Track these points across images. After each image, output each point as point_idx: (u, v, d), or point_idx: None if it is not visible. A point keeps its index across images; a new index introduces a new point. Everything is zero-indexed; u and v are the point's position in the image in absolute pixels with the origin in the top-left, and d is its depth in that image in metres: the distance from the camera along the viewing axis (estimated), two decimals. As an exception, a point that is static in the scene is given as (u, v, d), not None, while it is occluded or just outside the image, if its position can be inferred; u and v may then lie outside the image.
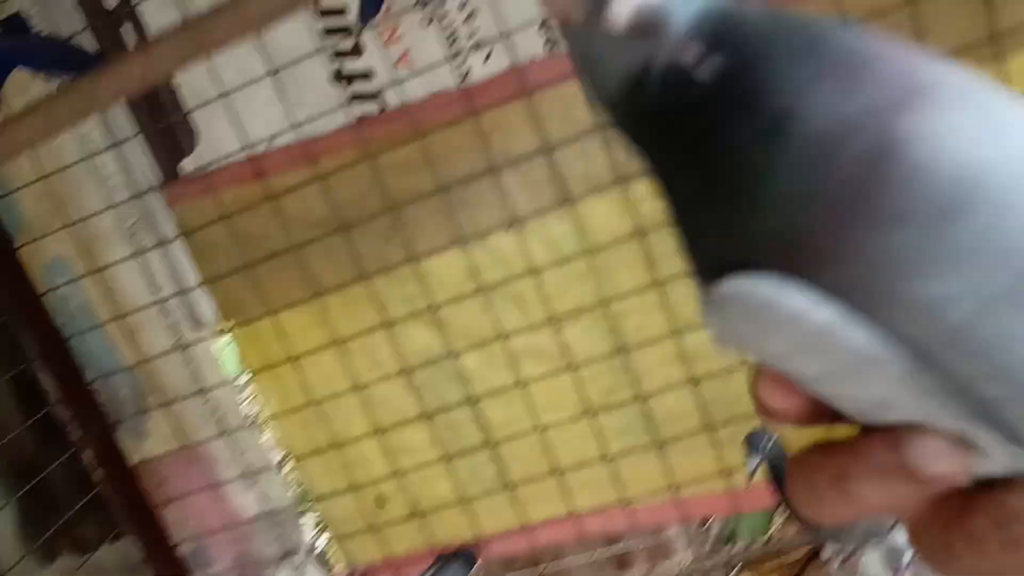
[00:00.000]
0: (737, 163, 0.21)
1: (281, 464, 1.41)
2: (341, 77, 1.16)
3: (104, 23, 1.17)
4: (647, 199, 1.13)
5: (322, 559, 1.45)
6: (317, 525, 1.44)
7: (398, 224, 1.20)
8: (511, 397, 1.26)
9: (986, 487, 0.21)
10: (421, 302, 1.23)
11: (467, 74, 1.13)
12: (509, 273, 1.20)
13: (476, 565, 1.32)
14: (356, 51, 1.14)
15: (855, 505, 0.21)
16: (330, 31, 1.14)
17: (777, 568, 1.38)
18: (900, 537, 1.09)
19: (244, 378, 1.36)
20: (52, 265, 1.31)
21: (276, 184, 1.21)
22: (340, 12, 1.13)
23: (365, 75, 1.16)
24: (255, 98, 1.18)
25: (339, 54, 1.15)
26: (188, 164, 1.24)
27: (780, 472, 1.03)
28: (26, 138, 0.72)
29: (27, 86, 1.17)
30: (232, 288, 1.28)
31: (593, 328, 1.21)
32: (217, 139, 1.21)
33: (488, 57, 1.12)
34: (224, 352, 1.36)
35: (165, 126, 1.21)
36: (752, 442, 1.04)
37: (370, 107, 1.17)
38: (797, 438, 1.03)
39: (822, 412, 0.23)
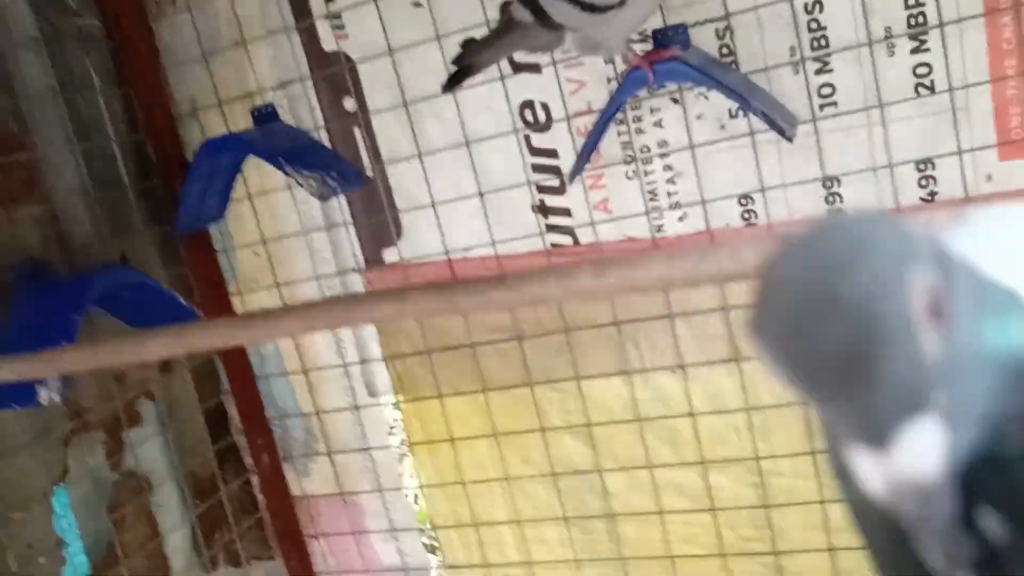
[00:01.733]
0: None
1: (423, 529, 1.63)
2: (542, 209, 1.33)
3: (341, 124, 1.40)
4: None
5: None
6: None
7: (570, 344, 1.37)
8: (649, 521, 1.41)
9: None
10: (579, 417, 1.40)
11: (661, 227, 1.28)
12: (668, 411, 1.34)
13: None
14: (560, 190, 1.31)
15: None
16: (538, 168, 1.31)
17: None
18: None
19: (404, 447, 1.58)
20: (258, 316, 1.57)
21: (465, 289, 1.40)
22: (551, 153, 1.30)
23: (564, 211, 1.32)
24: (459, 209, 1.37)
25: (543, 189, 1.32)
26: (390, 254, 1.45)
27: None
28: (278, 331, 0.93)
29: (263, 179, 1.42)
30: (409, 367, 1.49)
31: (741, 478, 1.33)
32: (420, 238, 1.42)
33: (683, 217, 1.26)
34: (391, 420, 1.58)
35: (376, 220, 1.43)
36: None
37: (564, 239, 1.34)
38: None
39: None
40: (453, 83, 1.16)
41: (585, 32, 1.07)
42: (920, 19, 1.06)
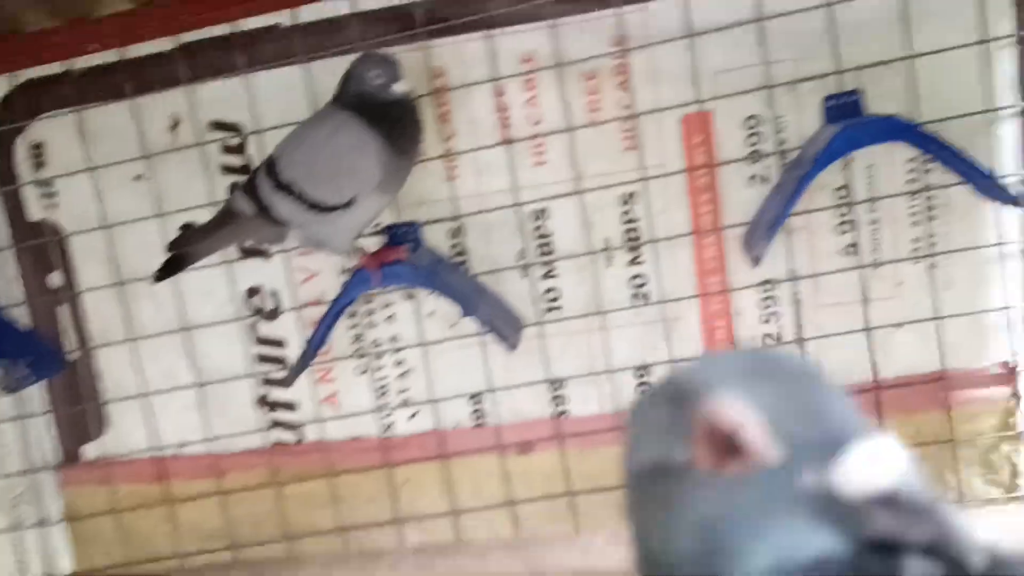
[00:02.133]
0: None
1: None
2: (265, 403, 1.25)
3: (44, 301, 1.26)
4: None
5: None
6: None
7: (292, 552, 1.25)
8: None
9: None
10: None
11: (390, 426, 1.23)
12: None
13: None
14: (286, 383, 1.23)
15: None
16: (264, 359, 1.24)
17: None
18: None
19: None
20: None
21: (176, 489, 1.26)
22: (278, 343, 1.23)
23: (289, 405, 1.25)
24: (174, 401, 1.25)
25: (268, 381, 1.24)
26: (91, 450, 1.29)
27: None
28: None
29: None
30: (103, 581, 1.30)
31: None
32: (127, 432, 1.27)
33: (414, 415, 1.22)
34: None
35: (78, 411, 1.27)
36: None
37: (288, 436, 1.25)
38: None
39: None
40: (166, 272, 1.07)
41: (310, 229, 1.04)
42: (634, 234, 1.13)
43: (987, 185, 0.96)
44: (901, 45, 1.02)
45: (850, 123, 0.95)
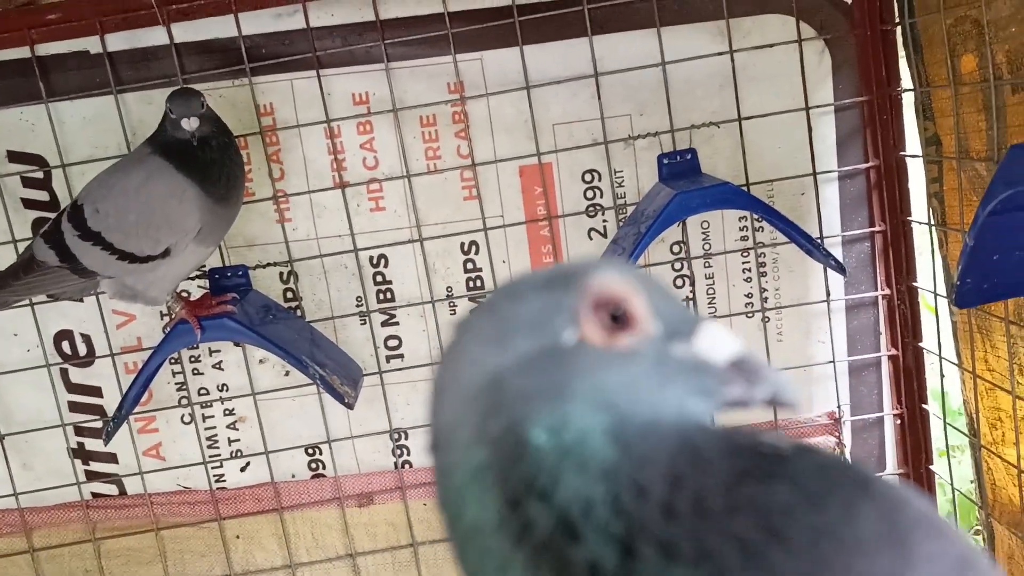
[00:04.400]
0: None
1: None
2: (81, 453, 1.22)
3: None
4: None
5: None
6: None
7: (114, 611, 1.25)
8: None
9: None
10: None
11: (221, 477, 1.23)
12: None
13: None
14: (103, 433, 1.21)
15: None
16: (78, 407, 1.21)
17: None
18: None
19: None
20: None
21: (-21, 548, 1.23)
22: (94, 391, 1.21)
23: (109, 456, 1.23)
24: (-26, 453, 1.21)
25: (83, 431, 1.22)
26: None
27: None
28: None
29: None
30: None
31: None
32: (-80, 486, 1.22)
33: (246, 467, 1.23)
34: None
35: None
36: None
37: (107, 488, 1.24)
38: None
39: None
40: (-44, 325, 1.04)
41: (123, 280, 1.02)
42: (478, 283, 1.17)
43: (814, 250, 1.04)
44: (730, 107, 1.08)
45: (684, 188, 1.01)
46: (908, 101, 1.09)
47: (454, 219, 1.13)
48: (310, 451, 1.22)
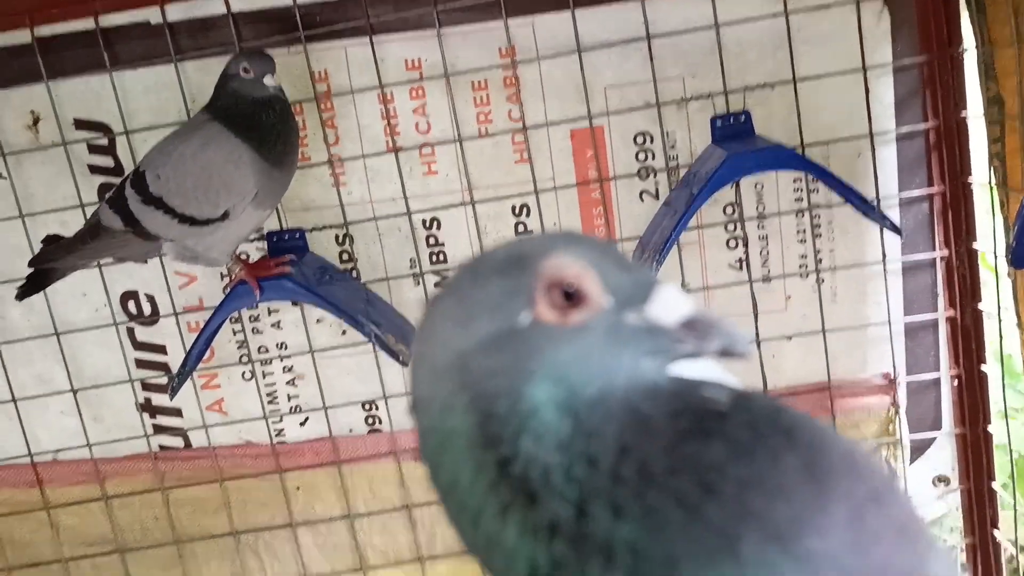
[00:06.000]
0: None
1: None
2: (148, 408, 1.32)
3: None
4: (443, 577, 1.34)
5: None
6: None
7: (182, 557, 1.35)
8: None
9: None
10: (193, 638, 1.38)
11: (281, 432, 1.32)
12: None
13: None
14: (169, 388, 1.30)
15: None
16: (144, 364, 1.30)
17: None
18: None
19: None
20: None
21: (56, 495, 1.34)
22: (159, 349, 1.30)
23: (175, 411, 1.32)
24: (49, 406, 1.32)
25: (150, 386, 1.31)
26: (-39, 456, 1.35)
27: None
28: None
29: None
30: (-15, 588, 1.38)
31: None
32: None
33: (305, 422, 1.31)
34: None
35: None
36: None
37: (174, 441, 1.33)
38: None
39: None
40: (30, 289, 1.12)
41: (184, 243, 1.09)
42: (529, 241, 1.22)
43: (870, 211, 1.07)
44: (785, 68, 1.10)
45: (737, 151, 1.04)
46: (969, 61, 1.09)
47: (505, 182, 1.18)
48: (366, 407, 1.29)
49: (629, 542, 0.34)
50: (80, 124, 1.19)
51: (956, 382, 1.22)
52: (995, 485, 1.23)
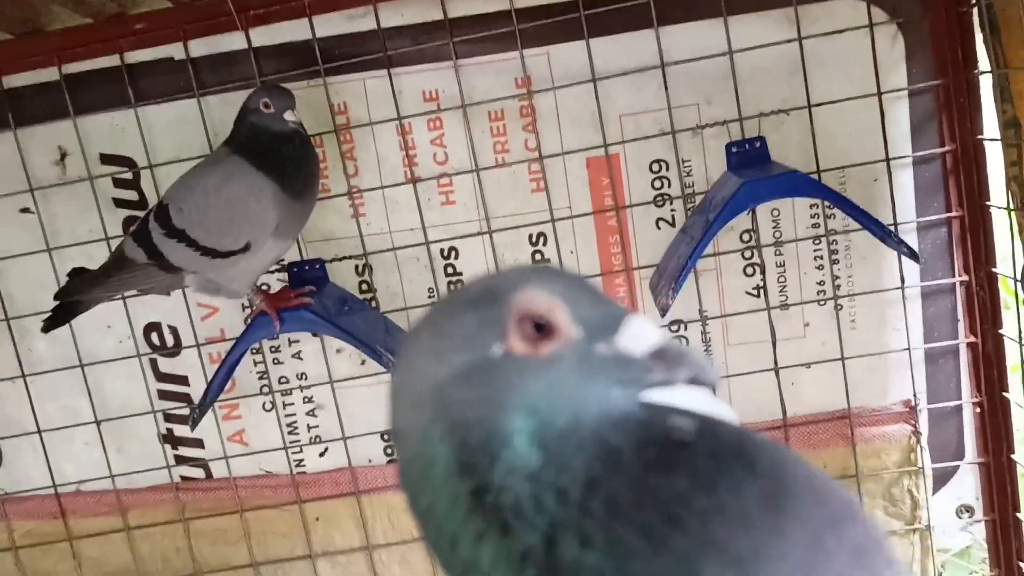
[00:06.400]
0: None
1: None
2: (170, 439, 1.33)
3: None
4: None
5: None
6: None
7: (203, 587, 1.35)
8: None
9: None
10: (213, 672, 1.37)
11: (301, 462, 1.33)
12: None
13: None
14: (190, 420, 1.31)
15: None
16: (166, 395, 1.32)
17: None
18: None
19: None
20: None
21: (79, 527, 1.35)
22: (181, 380, 1.31)
23: (196, 442, 1.33)
24: (73, 437, 1.33)
25: (172, 417, 1.32)
26: (-15, 487, 1.36)
27: None
28: None
29: None
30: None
31: None
32: (23, 469, 1.34)
33: (325, 452, 1.32)
34: None
35: (-31, 449, 1.34)
36: None
37: (195, 471, 1.34)
38: None
39: None
40: (56, 322, 1.14)
41: (206, 275, 1.11)
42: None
43: (887, 237, 1.07)
44: (800, 94, 1.11)
45: (753, 177, 1.05)
46: (985, 84, 1.09)
47: (522, 211, 1.19)
48: (386, 437, 1.29)
49: (596, 571, 0.35)
50: (106, 159, 1.22)
51: (978, 409, 1.21)
52: (1021, 515, 1.21)
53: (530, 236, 1.21)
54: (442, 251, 1.22)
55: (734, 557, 0.34)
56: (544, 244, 1.21)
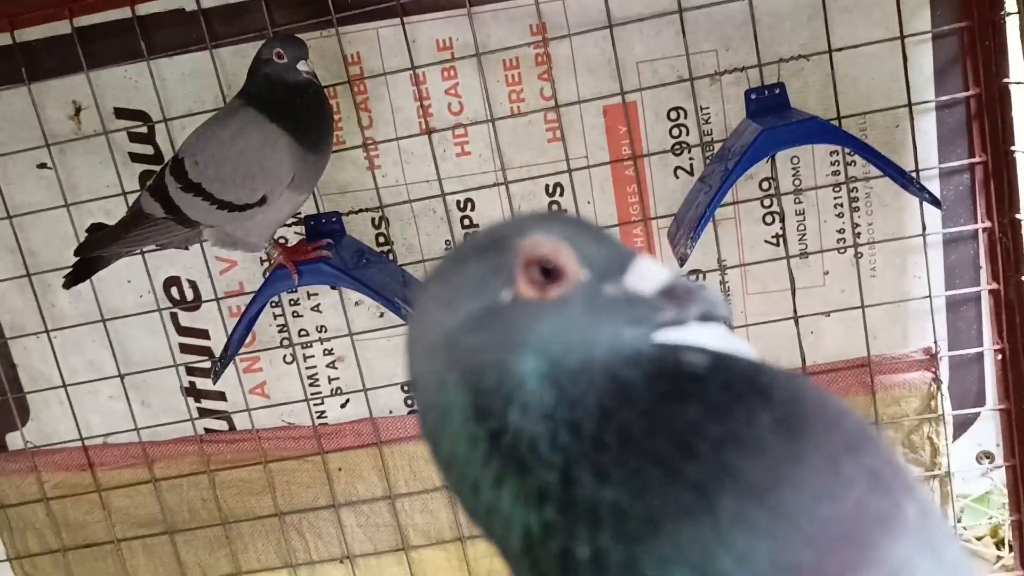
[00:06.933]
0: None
1: None
2: (193, 392, 1.35)
3: (-50, 292, 1.33)
4: (485, 557, 1.36)
5: None
6: None
7: (229, 537, 1.38)
8: None
9: None
10: (241, 613, 1.41)
11: (322, 414, 1.34)
12: (336, 605, 1.39)
13: None
14: (212, 373, 1.33)
15: None
16: (188, 348, 1.33)
17: None
18: None
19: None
20: None
21: (107, 478, 1.37)
22: (202, 334, 1.32)
23: (218, 395, 1.35)
24: (98, 391, 1.35)
25: (194, 371, 1.34)
26: (14, 440, 1.39)
27: None
28: None
29: None
30: (41, 568, 1.43)
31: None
32: (51, 422, 1.37)
33: (346, 403, 1.33)
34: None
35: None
36: None
37: (218, 424, 1.36)
38: None
39: None
40: (77, 277, 1.15)
41: (223, 228, 1.11)
42: (564, 220, 1.22)
43: (908, 184, 1.05)
44: (820, 39, 1.09)
45: (772, 124, 1.03)
46: (1011, 25, 1.07)
47: (538, 162, 1.18)
48: (406, 388, 1.30)
49: (613, 504, 0.35)
50: (120, 113, 1.21)
51: (1000, 356, 1.20)
52: (1042, 461, 1.21)
53: (547, 187, 1.20)
54: (458, 203, 1.22)
55: (750, 485, 0.34)
56: (561, 195, 1.20)
